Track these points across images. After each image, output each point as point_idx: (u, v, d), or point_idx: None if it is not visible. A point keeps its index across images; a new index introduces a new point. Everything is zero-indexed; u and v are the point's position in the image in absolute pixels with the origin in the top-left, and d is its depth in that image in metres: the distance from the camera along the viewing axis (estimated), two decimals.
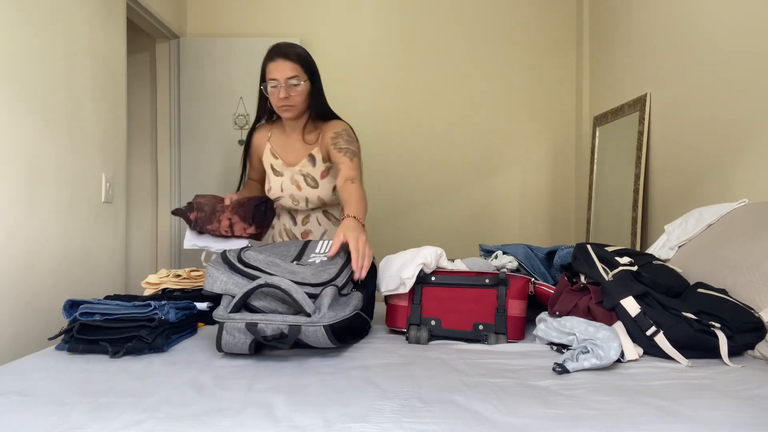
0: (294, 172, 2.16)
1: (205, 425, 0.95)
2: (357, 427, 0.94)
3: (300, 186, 2.15)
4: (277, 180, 2.18)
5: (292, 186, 2.16)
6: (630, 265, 1.55)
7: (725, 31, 2.31)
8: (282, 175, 2.18)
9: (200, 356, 1.41)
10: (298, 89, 2.06)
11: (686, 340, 1.34)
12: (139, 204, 3.84)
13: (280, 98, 2.05)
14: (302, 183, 2.14)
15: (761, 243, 1.60)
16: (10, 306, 2.03)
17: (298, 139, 2.18)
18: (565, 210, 3.97)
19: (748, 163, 2.18)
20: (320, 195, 2.15)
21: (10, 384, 1.18)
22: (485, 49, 3.94)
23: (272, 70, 2.04)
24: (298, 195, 2.16)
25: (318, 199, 2.15)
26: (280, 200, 2.19)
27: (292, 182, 2.16)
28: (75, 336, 1.42)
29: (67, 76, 2.38)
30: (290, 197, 2.17)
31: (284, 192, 2.17)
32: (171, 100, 3.80)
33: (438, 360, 1.38)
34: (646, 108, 2.90)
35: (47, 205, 2.25)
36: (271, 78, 2.04)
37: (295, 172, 2.16)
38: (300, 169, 2.15)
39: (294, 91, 2.05)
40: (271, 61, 2.04)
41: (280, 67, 2.03)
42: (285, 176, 2.17)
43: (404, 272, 1.63)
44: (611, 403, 1.06)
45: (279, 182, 2.17)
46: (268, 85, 2.06)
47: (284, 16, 3.92)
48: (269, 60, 2.05)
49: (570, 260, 1.72)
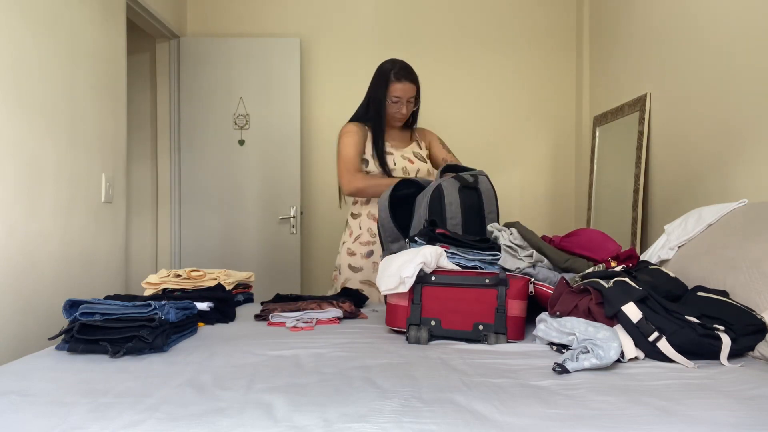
0: (404, 152, 2.56)
1: (205, 425, 0.95)
2: (357, 427, 0.94)
3: (412, 160, 2.55)
4: (388, 156, 2.51)
5: (404, 161, 2.53)
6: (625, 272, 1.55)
7: (725, 31, 2.31)
8: (392, 154, 2.53)
9: (200, 356, 1.41)
10: (411, 107, 2.53)
11: (690, 346, 1.34)
12: (139, 204, 3.84)
13: (403, 113, 2.50)
14: (414, 158, 2.56)
15: (761, 243, 1.60)
16: (10, 306, 2.03)
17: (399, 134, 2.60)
18: (565, 210, 3.97)
19: (748, 163, 2.18)
20: (429, 168, 2.58)
21: (10, 384, 1.18)
22: (486, 49, 3.93)
23: (399, 90, 2.45)
24: (410, 167, 2.53)
25: (427, 171, 2.57)
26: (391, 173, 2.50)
27: (404, 158, 2.54)
28: (75, 336, 1.42)
29: (67, 76, 2.38)
30: (402, 169, 2.52)
31: (397, 165, 2.51)
32: (171, 100, 3.80)
33: (438, 360, 1.38)
34: (646, 108, 2.90)
35: (47, 205, 2.24)
36: (396, 95, 2.46)
37: (405, 151, 2.56)
38: (412, 150, 2.58)
39: (410, 108, 2.52)
40: (399, 82, 2.45)
41: (407, 89, 2.47)
42: (395, 154, 2.53)
43: (404, 271, 1.63)
44: (611, 403, 1.06)
45: (390, 158, 2.51)
46: (390, 99, 2.47)
47: (284, 16, 3.92)
48: (397, 80, 2.45)
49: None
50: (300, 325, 1.78)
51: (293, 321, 1.82)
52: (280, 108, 3.76)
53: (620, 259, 1.83)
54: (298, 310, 1.90)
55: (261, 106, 3.78)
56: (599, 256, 1.92)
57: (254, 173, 3.78)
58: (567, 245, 2.01)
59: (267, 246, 3.78)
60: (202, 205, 3.79)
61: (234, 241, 3.78)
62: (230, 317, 1.91)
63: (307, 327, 1.76)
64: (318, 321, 1.83)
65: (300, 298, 2.17)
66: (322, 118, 3.90)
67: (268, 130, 3.77)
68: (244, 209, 3.80)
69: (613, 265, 1.77)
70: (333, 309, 1.90)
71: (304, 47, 3.87)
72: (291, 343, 1.54)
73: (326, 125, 3.85)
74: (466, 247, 1.80)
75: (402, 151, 2.55)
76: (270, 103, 3.77)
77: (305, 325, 1.77)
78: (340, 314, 1.89)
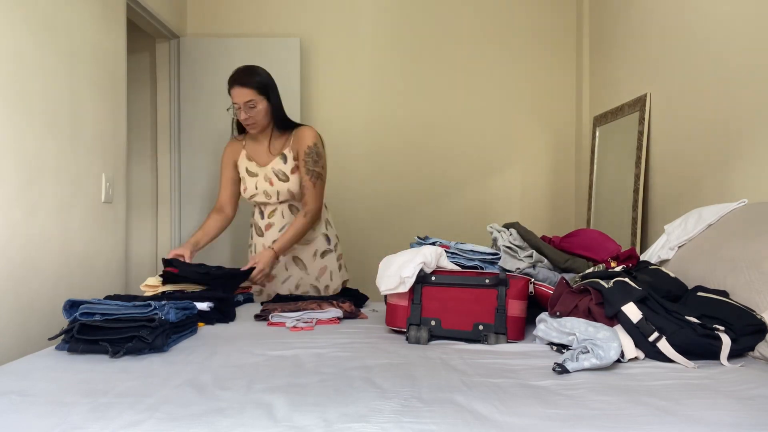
0: (267, 171, 2.45)
1: (205, 425, 0.95)
2: (357, 427, 0.94)
3: (272, 181, 2.44)
4: (252, 180, 2.47)
5: (265, 183, 2.45)
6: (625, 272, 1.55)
7: (725, 31, 2.31)
8: (256, 175, 2.47)
9: (200, 356, 1.41)
10: (256, 110, 2.37)
11: (690, 346, 1.34)
12: (139, 204, 3.84)
13: (242, 119, 2.39)
14: (274, 179, 2.44)
15: (761, 243, 1.60)
16: (10, 306, 2.03)
17: (266, 144, 2.49)
18: (565, 210, 3.97)
19: (748, 163, 2.18)
20: (290, 188, 2.43)
21: (10, 384, 1.18)
22: (485, 49, 3.93)
23: (233, 96, 2.37)
24: (270, 189, 2.44)
25: (288, 191, 2.43)
26: (255, 197, 2.48)
27: (266, 179, 2.45)
28: (75, 336, 1.42)
29: (67, 76, 2.38)
30: (263, 193, 2.45)
31: (258, 189, 2.46)
32: (171, 100, 3.80)
33: (438, 360, 1.38)
34: (646, 108, 2.90)
35: (47, 205, 2.24)
36: (234, 102, 2.38)
37: (267, 170, 2.45)
38: (272, 167, 2.44)
39: (253, 111, 2.37)
40: (231, 88, 2.37)
41: (238, 93, 2.36)
42: (259, 175, 2.46)
43: (404, 271, 1.63)
44: (611, 403, 1.06)
45: (254, 181, 2.46)
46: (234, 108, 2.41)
47: (284, 16, 3.92)
48: (230, 87, 2.38)
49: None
50: (300, 325, 1.78)
51: (293, 321, 1.82)
52: None
53: (620, 259, 1.83)
54: (298, 310, 1.90)
55: None
56: (599, 256, 1.93)
57: None
58: (567, 245, 2.01)
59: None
60: (202, 205, 3.79)
61: (233, 241, 3.78)
62: (230, 317, 1.91)
63: (307, 327, 1.76)
64: (318, 321, 1.83)
65: (300, 298, 2.17)
66: (322, 118, 3.90)
67: None
68: (243, 209, 3.79)
69: (613, 265, 1.77)
70: (333, 309, 1.90)
71: (304, 47, 3.87)
72: (291, 343, 1.54)
73: (326, 125, 3.85)
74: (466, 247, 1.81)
75: (264, 170, 2.44)
76: None
77: (305, 325, 1.77)
78: (340, 314, 1.89)
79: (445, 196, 3.96)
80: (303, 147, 2.41)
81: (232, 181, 2.56)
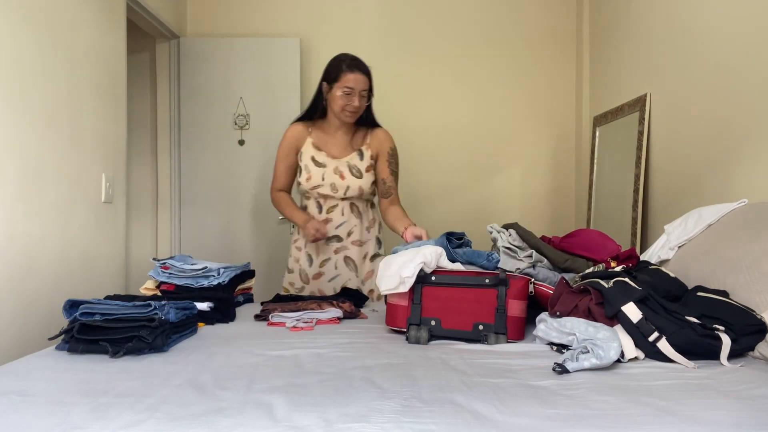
0: (339, 164, 2.39)
1: (205, 425, 0.95)
2: (357, 427, 0.94)
3: (344, 175, 2.38)
4: (319, 170, 2.38)
5: (335, 175, 2.37)
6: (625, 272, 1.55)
7: (725, 31, 2.31)
8: (324, 166, 2.38)
9: (200, 356, 1.41)
10: (365, 101, 2.37)
11: (690, 346, 1.34)
12: (139, 204, 3.84)
13: (355, 106, 2.34)
14: (347, 173, 2.38)
15: (761, 243, 1.60)
16: (11, 306, 2.03)
17: (344, 138, 2.44)
18: (565, 210, 3.97)
19: (748, 163, 2.18)
20: (362, 185, 2.38)
21: (10, 384, 1.18)
22: (485, 49, 3.93)
23: (351, 80, 2.31)
24: (339, 183, 2.37)
25: (359, 188, 2.38)
26: (318, 188, 2.38)
27: (336, 172, 2.38)
28: (75, 336, 1.42)
29: (67, 76, 2.38)
30: (330, 186, 2.37)
31: (325, 181, 2.37)
32: (171, 100, 3.80)
33: (438, 360, 1.38)
34: (646, 108, 2.90)
35: (47, 205, 2.24)
36: (348, 86, 2.31)
37: (340, 163, 2.39)
38: (347, 161, 2.39)
39: (363, 101, 2.36)
40: (351, 72, 2.32)
41: (359, 79, 2.33)
42: (328, 167, 2.38)
43: (404, 271, 1.63)
44: (611, 403, 1.06)
45: (321, 172, 2.38)
46: (341, 91, 2.32)
47: (284, 16, 3.92)
48: (349, 70, 2.32)
49: (474, 259, 1.78)
50: (300, 325, 1.78)
51: (293, 321, 1.82)
52: (280, 108, 3.75)
53: (620, 259, 1.83)
54: (298, 310, 1.90)
55: (261, 106, 3.78)
56: (599, 256, 1.93)
57: (254, 173, 3.78)
58: (566, 245, 2.01)
59: (267, 246, 3.78)
60: (202, 205, 3.79)
61: (234, 241, 3.78)
62: (230, 317, 1.91)
63: (307, 327, 1.76)
64: (318, 321, 1.83)
65: (300, 298, 2.17)
66: None
67: (268, 130, 3.76)
68: (243, 209, 3.80)
69: (613, 265, 1.77)
70: (333, 309, 1.90)
71: (304, 47, 3.87)
72: (291, 343, 1.54)
73: None
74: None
75: (337, 162, 2.39)
76: (270, 103, 3.77)
77: (305, 325, 1.77)
78: (340, 314, 1.89)
79: (445, 195, 3.96)
80: (386, 148, 2.45)
81: (292, 169, 2.48)
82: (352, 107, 2.33)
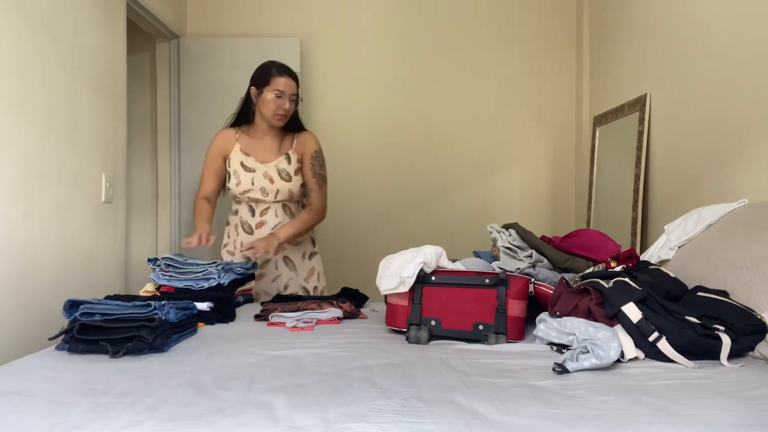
0: (268, 168, 2.43)
1: (205, 425, 0.95)
2: (357, 427, 0.94)
3: (273, 179, 2.42)
4: (248, 175, 2.42)
5: (264, 180, 2.41)
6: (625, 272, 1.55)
7: (725, 31, 2.31)
8: (253, 171, 2.43)
9: (200, 356, 1.41)
10: (294, 105, 2.43)
11: (690, 346, 1.34)
12: (139, 204, 3.84)
13: (285, 109, 2.39)
14: (276, 177, 2.42)
15: (761, 243, 1.60)
16: (10, 306, 2.03)
17: (272, 142, 2.48)
18: (565, 210, 3.97)
19: (748, 163, 2.18)
20: (291, 188, 2.43)
21: (10, 384, 1.18)
22: (485, 49, 3.94)
23: (282, 83, 2.37)
24: (269, 187, 2.41)
25: (288, 191, 2.43)
26: (249, 193, 2.42)
27: (265, 176, 2.42)
28: (75, 336, 1.42)
29: (67, 77, 2.38)
30: (260, 190, 2.41)
31: (255, 185, 2.41)
32: (171, 100, 3.80)
33: (438, 360, 1.38)
34: (646, 108, 2.90)
35: (47, 205, 2.24)
36: (279, 89, 2.36)
37: (269, 167, 2.43)
38: (276, 165, 2.43)
39: (292, 105, 2.41)
40: (281, 76, 2.38)
41: (289, 84, 2.38)
42: (257, 171, 2.42)
43: (404, 271, 1.63)
44: (611, 403, 1.06)
45: (250, 177, 2.42)
46: (271, 94, 2.37)
47: (284, 16, 3.92)
48: (279, 74, 2.38)
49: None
50: (300, 325, 1.78)
51: (293, 321, 1.82)
52: None
53: (620, 259, 1.83)
54: (298, 310, 1.90)
55: None
56: (599, 256, 1.93)
57: None
58: (566, 246, 2.01)
59: None
60: None
61: None
62: (230, 317, 1.91)
63: (307, 327, 1.76)
64: (318, 321, 1.83)
65: (300, 298, 2.17)
66: (322, 118, 3.90)
67: None
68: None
69: (613, 265, 1.77)
70: (333, 309, 1.90)
71: (304, 47, 3.87)
72: (291, 343, 1.54)
73: (326, 125, 3.85)
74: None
75: (266, 166, 2.42)
76: None
77: (305, 325, 1.77)
78: (340, 314, 1.89)
79: (445, 195, 3.96)
80: (309, 151, 2.47)
81: (219, 175, 2.50)
82: (282, 110, 2.38)
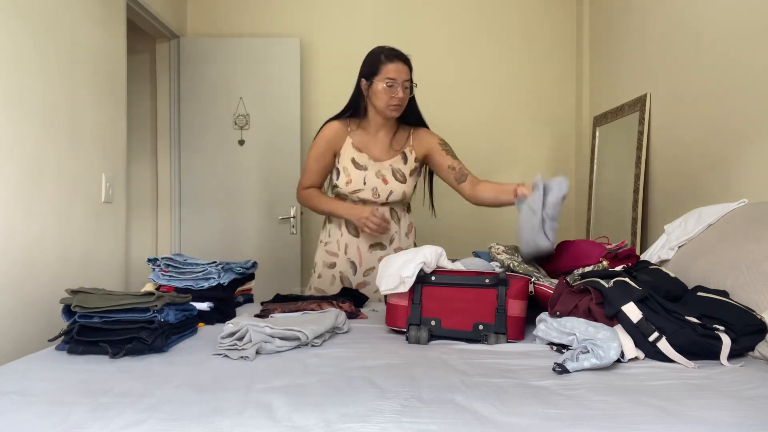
0: (382, 167, 2.24)
1: (205, 425, 0.95)
2: (357, 427, 0.94)
3: (387, 180, 2.23)
4: (360, 173, 2.23)
5: (377, 179, 2.23)
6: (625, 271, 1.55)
7: (725, 31, 2.31)
8: (366, 169, 2.23)
9: (200, 356, 1.40)
10: (408, 93, 2.20)
11: (690, 346, 1.34)
12: (139, 204, 3.84)
13: (399, 98, 2.17)
14: (390, 177, 2.24)
15: (761, 243, 1.60)
16: (11, 306, 2.03)
17: (385, 138, 2.28)
18: (565, 210, 3.94)
19: (748, 163, 2.18)
20: (405, 190, 2.25)
21: (10, 384, 1.18)
22: (485, 49, 3.93)
23: (392, 71, 2.16)
24: (382, 188, 2.23)
25: (402, 193, 2.25)
26: (359, 193, 2.23)
27: (378, 176, 2.23)
28: (75, 338, 1.42)
29: (67, 77, 2.38)
30: (372, 190, 2.23)
31: (367, 185, 2.22)
32: (171, 100, 3.80)
33: (438, 360, 1.38)
34: (646, 108, 2.90)
35: (47, 205, 2.24)
36: (390, 77, 2.16)
37: (383, 167, 2.24)
38: (390, 165, 2.25)
39: (407, 93, 2.19)
40: (391, 62, 2.17)
41: (400, 69, 2.17)
42: (369, 170, 2.23)
43: (404, 271, 1.62)
44: (611, 403, 1.06)
45: (362, 175, 2.23)
46: (382, 83, 2.16)
47: (284, 16, 3.92)
48: (388, 60, 2.17)
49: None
50: None
51: None
52: (280, 108, 3.76)
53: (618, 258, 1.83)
54: (298, 310, 1.89)
55: (261, 106, 3.78)
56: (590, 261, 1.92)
57: (254, 173, 3.78)
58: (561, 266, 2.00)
59: (267, 246, 3.78)
60: (202, 205, 3.79)
61: (234, 241, 3.78)
62: (230, 317, 1.90)
63: None
64: None
65: (300, 298, 2.16)
66: (322, 118, 3.87)
67: (268, 130, 3.77)
68: (244, 209, 3.80)
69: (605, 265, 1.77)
70: (333, 309, 1.90)
71: (304, 47, 3.87)
72: None
73: None
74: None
75: (379, 165, 2.24)
76: (270, 103, 3.77)
77: None
78: None
79: (445, 195, 3.94)
80: (434, 142, 2.32)
81: (327, 171, 2.32)
82: (397, 99, 2.17)
